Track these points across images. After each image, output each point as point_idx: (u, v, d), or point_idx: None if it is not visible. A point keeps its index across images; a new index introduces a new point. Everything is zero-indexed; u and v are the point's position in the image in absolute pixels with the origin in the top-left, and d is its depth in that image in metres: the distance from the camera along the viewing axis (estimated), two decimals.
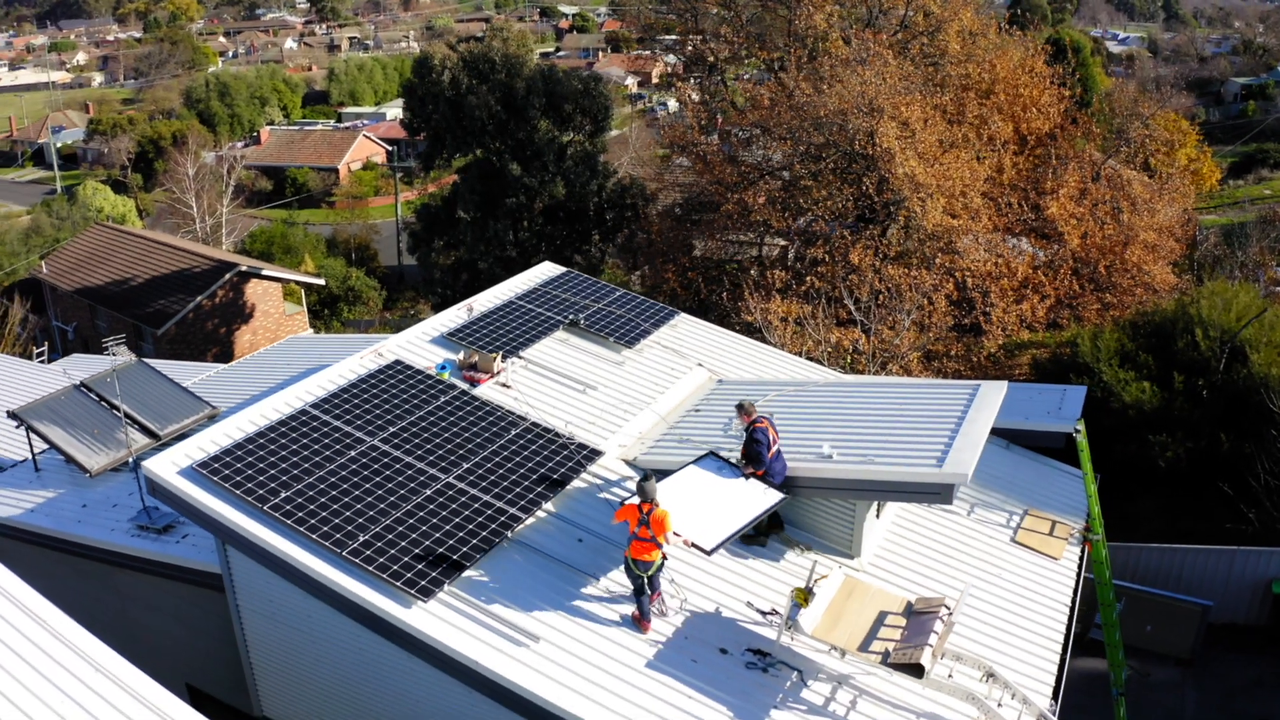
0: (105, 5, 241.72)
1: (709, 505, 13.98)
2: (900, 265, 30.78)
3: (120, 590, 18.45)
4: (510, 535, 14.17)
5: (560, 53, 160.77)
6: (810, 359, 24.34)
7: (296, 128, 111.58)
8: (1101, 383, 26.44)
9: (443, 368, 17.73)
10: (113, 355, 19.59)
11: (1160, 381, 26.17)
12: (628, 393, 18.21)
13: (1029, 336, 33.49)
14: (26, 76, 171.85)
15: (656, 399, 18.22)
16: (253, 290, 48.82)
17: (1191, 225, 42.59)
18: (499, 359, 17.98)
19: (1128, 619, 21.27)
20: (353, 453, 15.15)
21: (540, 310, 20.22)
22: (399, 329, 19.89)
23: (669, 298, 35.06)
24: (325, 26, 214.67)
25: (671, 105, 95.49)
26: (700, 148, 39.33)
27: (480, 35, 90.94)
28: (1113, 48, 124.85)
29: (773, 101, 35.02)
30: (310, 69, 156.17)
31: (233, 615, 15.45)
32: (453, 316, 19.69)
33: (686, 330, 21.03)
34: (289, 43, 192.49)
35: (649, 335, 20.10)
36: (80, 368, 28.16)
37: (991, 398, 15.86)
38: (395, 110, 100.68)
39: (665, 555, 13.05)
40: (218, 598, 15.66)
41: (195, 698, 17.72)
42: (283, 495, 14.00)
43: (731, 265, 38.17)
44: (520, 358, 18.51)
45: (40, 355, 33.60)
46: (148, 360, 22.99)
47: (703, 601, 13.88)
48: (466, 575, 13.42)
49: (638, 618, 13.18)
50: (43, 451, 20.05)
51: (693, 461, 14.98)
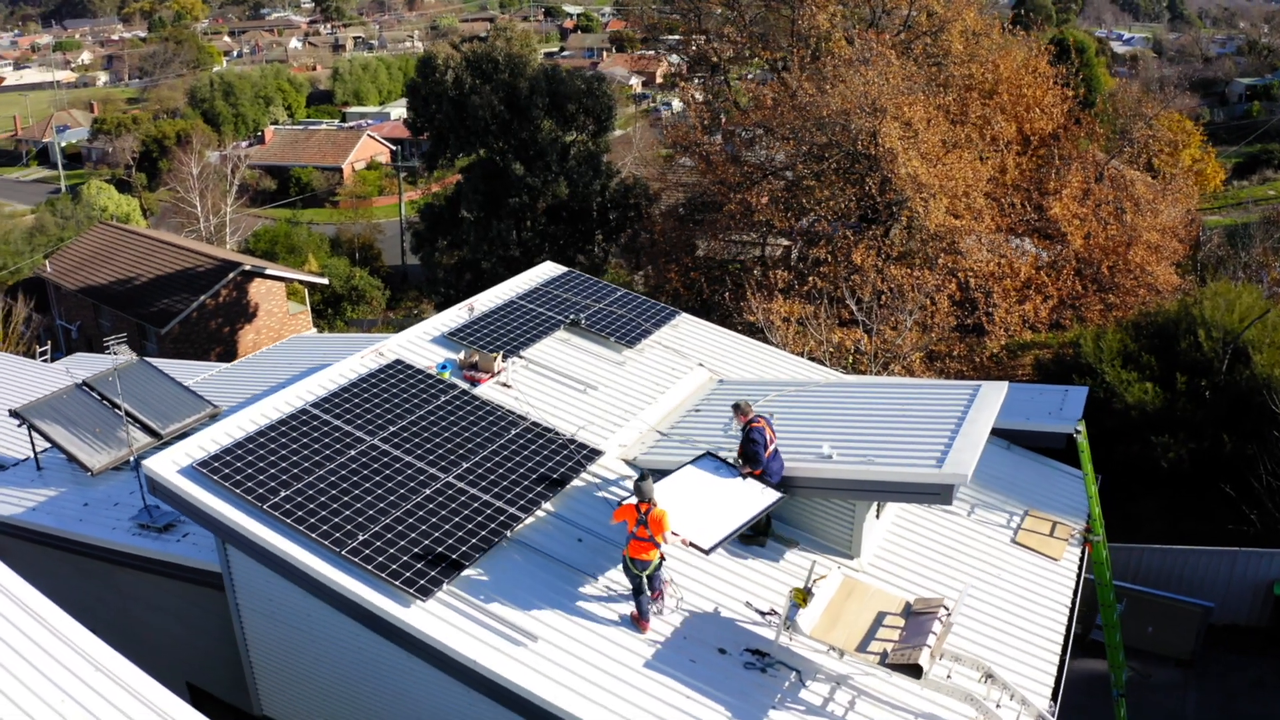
0: (110, 5, 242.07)
1: (707, 505, 13.98)
2: (903, 265, 30.76)
3: (121, 589, 18.49)
4: (510, 535, 14.17)
5: (564, 52, 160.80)
6: (812, 359, 24.34)
7: (301, 127, 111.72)
8: (1104, 383, 26.42)
9: (443, 367, 17.72)
10: (114, 354, 19.63)
11: (1163, 382, 26.15)
12: (628, 393, 18.20)
13: (1032, 337, 33.45)
14: (31, 76, 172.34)
15: (657, 399, 18.22)
16: (256, 290, 48.89)
17: (1195, 226, 42.49)
18: (499, 359, 17.98)
19: (1129, 620, 21.25)
20: (353, 452, 15.16)
21: (541, 310, 20.22)
22: (402, 329, 19.90)
23: (672, 298, 35.05)
24: (330, 26, 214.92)
25: (676, 105, 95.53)
26: (703, 148, 39.29)
27: (484, 35, 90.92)
28: (1117, 48, 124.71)
29: (776, 101, 35.00)
30: (315, 68, 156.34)
31: (232, 614, 15.48)
32: (453, 316, 19.69)
33: (687, 330, 21.02)
34: (294, 42, 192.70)
35: (650, 335, 20.09)
36: (83, 367, 28.19)
37: (992, 398, 15.85)
38: (400, 110, 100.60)
39: (663, 555, 13.06)
40: (218, 597, 15.69)
41: (196, 696, 17.77)
42: (282, 494, 14.02)
43: (734, 265, 38.15)
44: (521, 357, 18.52)
45: (43, 354, 33.65)
46: (149, 359, 23.03)
47: (701, 601, 13.88)
48: (466, 575, 13.43)
49: (636, 617, 13.19)
50: (45, 450, 20.11)
51: (690, 462, 14.98)
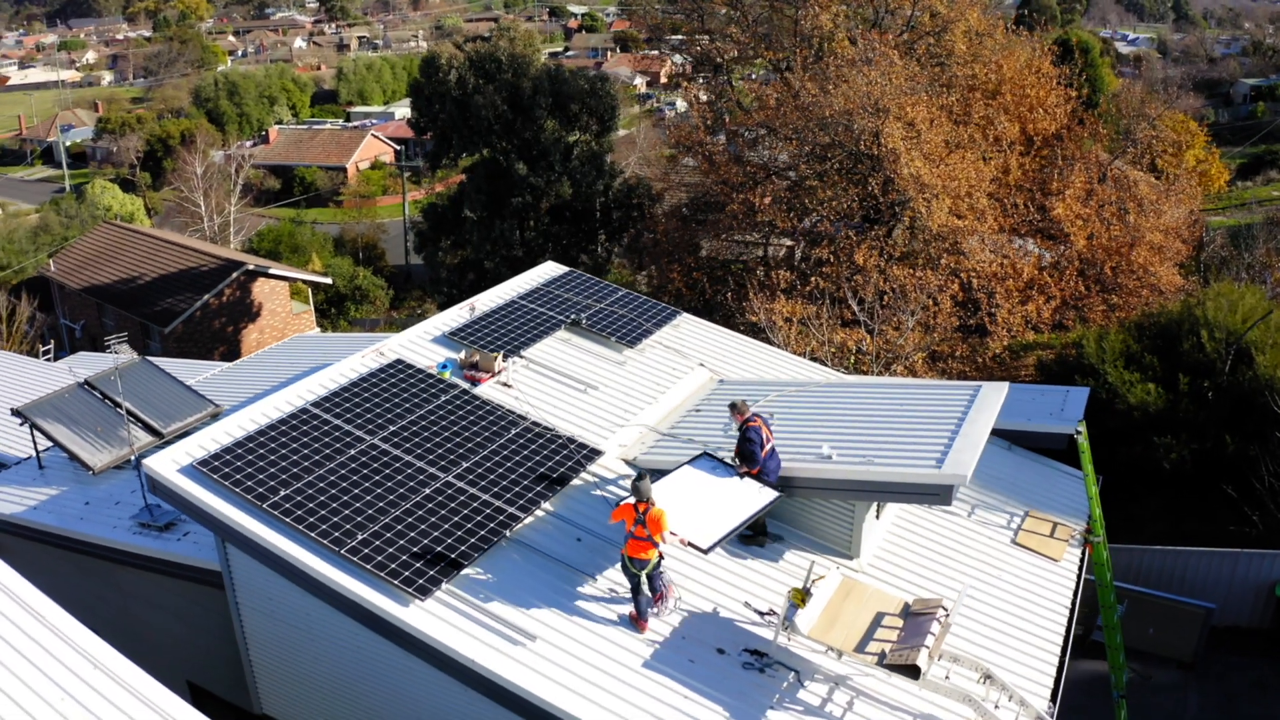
0: (115, 4, 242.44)
1: (705, 504, 13.98)
2: (905, 266, 30.72)
3: (122, 587, 18.53)
4: (509, 534, 14.18)
5: (569, 52, 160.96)
6: (814, 359, 24.33)
7: (305, 127, 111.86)
8: (1107, 384, 26.36)
9: (444, 367, 17.73)
10: (115, 353, 19.67)
11: (1165, 383, 26.09)
12: (629, 392, 18.21)
13: (1034, 338, 33.39)
14: (36, 75, 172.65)
15: (658, 399, 18.22)
16: (260, 289, 48.93)
17: (1198, 226, 42.41)
18: (500, 358, 17.99)
19: (1130, 621, 21.22)
20: (353, 451, 15.18)
21: (542, 310, 20.22)
22: (405, 328, 19.92)
23: (674, 298, 35.06)
24: (334, 26, 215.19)
25: (680, 105, 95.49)
26: (707, 148, 39.30)
27: (488, 35, 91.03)
28: (1122, 48, 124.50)
29: (779, 102, 34.99)
30: (319, 68, 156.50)
31: (232, 613, 15.50)
32: (455, 316, 19.70)
33: (688, 330, 21.01)
34: (298, 42, 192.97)
35: (651, 335, 20.09)
36: (86, 366, 28.20)
37: (992, 399, 15.84)
38: (404, 110, 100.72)
39: (662, 554, 13.07)
40: (218, 595, 15.71)
41: (196, 695, 17.80)
42: (282, 494, 14.03)
43: (737, 265, 38.16)
44: (522, 357, 18.52)
45: (46, 353, 33.70)
46: (151, 358, 23.07)
47: (700, 601, 13.88)
48: (465, 574, 13.44)
49: (635, 617, 13.20)
50: (46, 449, 20.15)
51: (687, 461, 14.99)
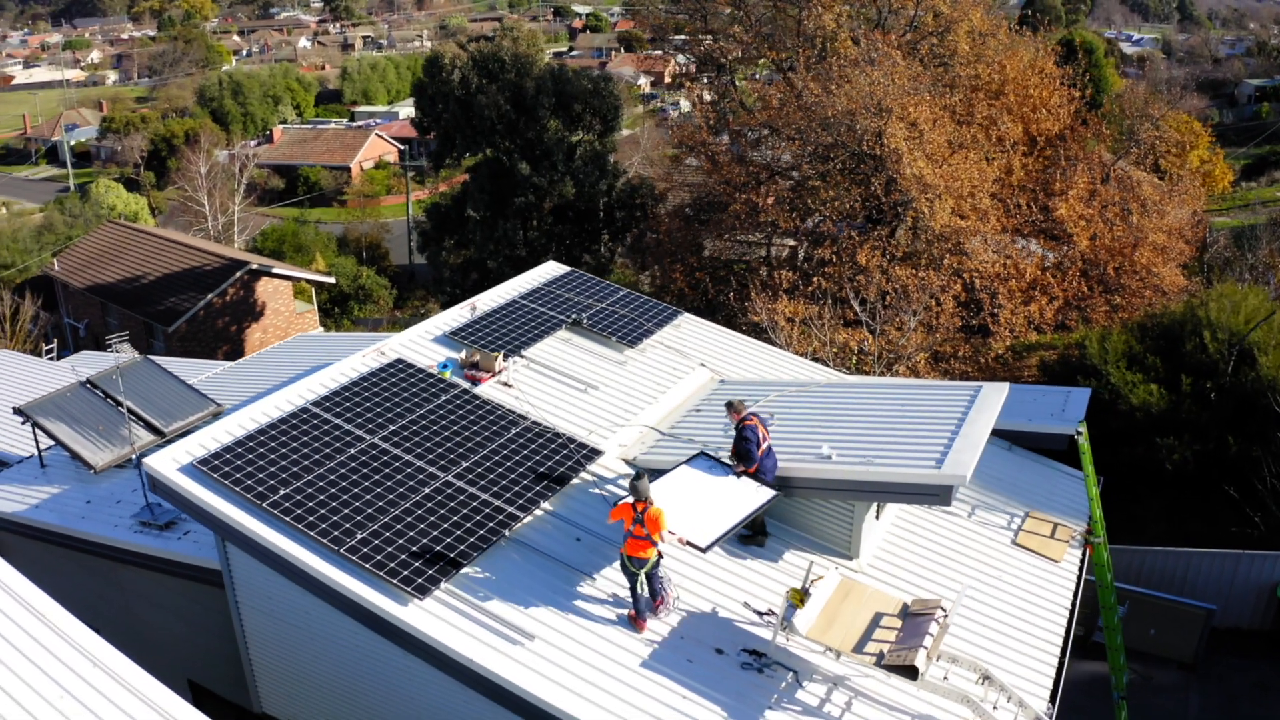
0: (120, 3, 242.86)
1: (702, 504, 13.98)
2: (908, 266, 30.71)
3: (124, 586, 18.56)
4: (508, 534, 14.18)
5: (573, 52, 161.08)
6: (816, 359, 24.32)
7: (309, 126, 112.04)
8: (1109, 385, 26.33)
9: (445, 366, 17.74)
10: (116, 352, 19.71)
11: (1168, 384, 26.06)
12: (629, 392, 18.21)
13: (1037, 338, 33.36)
14: (41, 74, 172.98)
15: (658, 399, 18.22)
16: (264, 288, 48.99)
17: (1201, 227, 42.35)
18: (501, 358, 18.00)
19: (1131, 622, 21.21)
20: (353, 450, 15.19)
21: (543, 309, 20.23)
22: (408, 328, 19.94)
23: (677, 298, 35.07)
24: (339, 25, 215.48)
25: (684, 105, 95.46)
26: (710, 148, 39.33)
27: (491, 35, 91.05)
28: (1126, 49, 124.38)
29: (781, 102, 35.00)
30: (324, 68, 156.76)
31: (232, 611, 15.52)
32: (455, 315, 19.71)
33: (690, 330, 21.01)
34: (303, 41, 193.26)
35: (652, 335, 20.09)
36: (89, 365, 28.26)
37: (992, 399, 15.82)
38: (408, 109, 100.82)
39: (661, 553, 13.07)
40: (219, 594, 15.73)
41: (197, 694, 17.84)
42: (282, 493, 14.05)
43: (740, 265, 38.17)
44: (522, 357, 18.53)
45: (49, 352, 33.78)
46: (153, 357, 23.11)
47: (699, 601, 13.88)
48: (464, 573, 13.44)
49: (634, 617, 13.20)
50: (49, 448, 20.20)
51: (685, 461, 14.99)
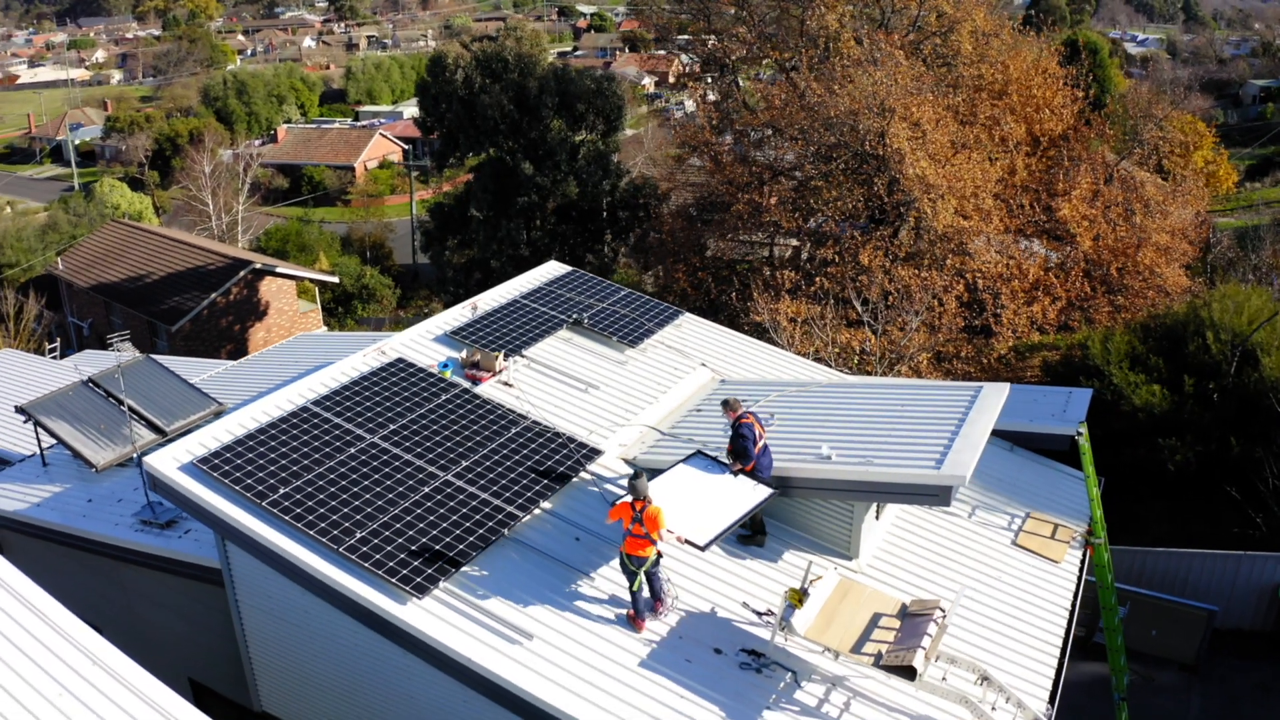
0: (124, 3, 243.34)
1: (700, 502, 13.98)
2: (911, 266, 30.70)
3: (125, 585, 18.59)
4: (507, 533, 14.19)
5: (578, 52, 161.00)
6: (818, 360, 24.31)
7: (314, 126, 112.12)
8: (1112, 385, 26.31)
9: (445, 366, 17.75)
10: (118, 351, 19.73)
11: (1171, 385, 26.03)
12: (630, 392, 18.21)
13: (1040, 338, 33.32)
14: (46, 74, 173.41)
15: (659, 398, 18.22)
16: (267, 288, 49.06)
17: (1205, 228, 42.31)
18: (501, 357, 18.01)
19: (1132, 623, 21.20)
20: (353, 450, 15.20)
21: (544, 309, 20.23)
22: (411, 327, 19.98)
23: (679, 298, 35.07)
24: (344, 25, 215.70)
25: (688, 105, 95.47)
26: (713, 148, 39.33)
27: (495, 35, 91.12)
28: (1131, 49, 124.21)
29: (784, 102, 35.00)
30: (328, 67, 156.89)
31: (232, 610, 15.54)
32: (456, 315, 19.72)
33: (691, 330, 21.01)
34: (307, 41, 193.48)
35: (653, 335, 20.08)
36: (92, 364, 28.31)
37: (993, 400, 15.80)
38: (412, 109, 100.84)
39: (660, 552, 13.08)
40: (219, 593, 15.75)
41: (198, 692, 17.86)
42: (282, 491, 14.06)
43: (742, 265, 38.17)
44: (523, 356, 18.53)
45: (53, 351, 33.84)
46: (155, 356, 23.14)
47: (698, 601, 13.88)
48: (463, 572, 13.45)
49: (633, 616, 13.20)
50: (50, 446, 20.22)
51: (682, 460, 14.99)
